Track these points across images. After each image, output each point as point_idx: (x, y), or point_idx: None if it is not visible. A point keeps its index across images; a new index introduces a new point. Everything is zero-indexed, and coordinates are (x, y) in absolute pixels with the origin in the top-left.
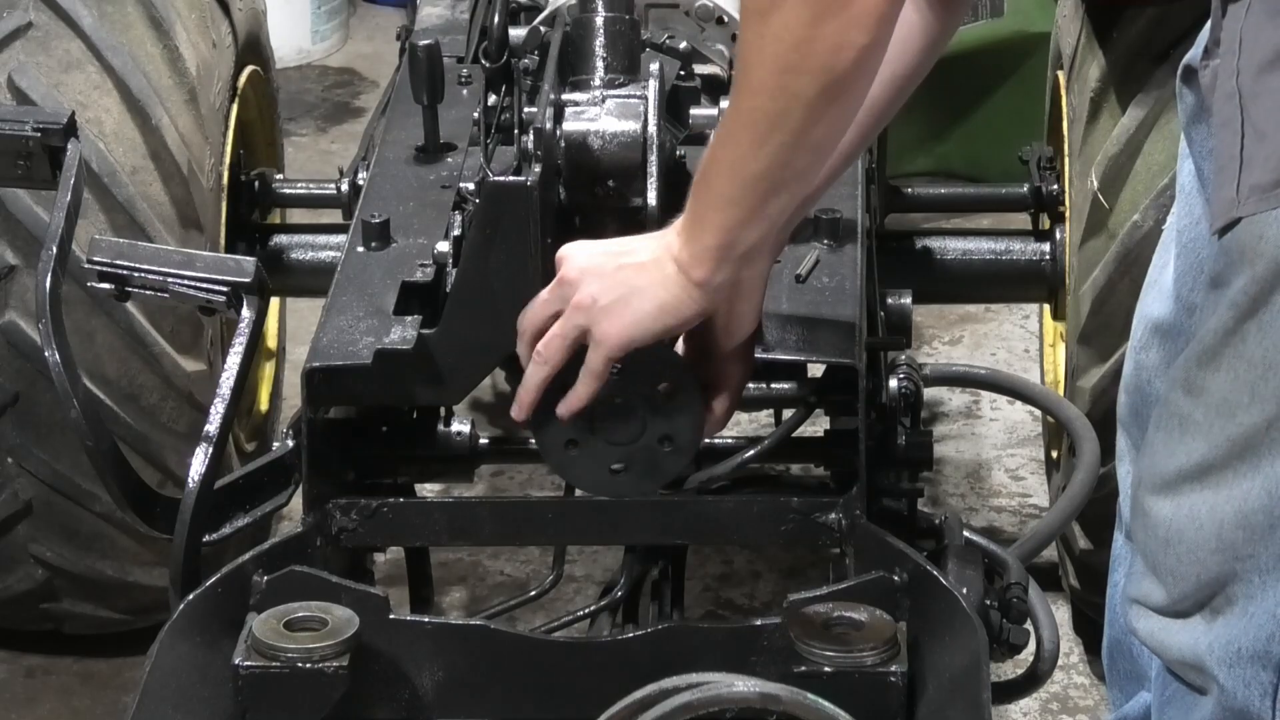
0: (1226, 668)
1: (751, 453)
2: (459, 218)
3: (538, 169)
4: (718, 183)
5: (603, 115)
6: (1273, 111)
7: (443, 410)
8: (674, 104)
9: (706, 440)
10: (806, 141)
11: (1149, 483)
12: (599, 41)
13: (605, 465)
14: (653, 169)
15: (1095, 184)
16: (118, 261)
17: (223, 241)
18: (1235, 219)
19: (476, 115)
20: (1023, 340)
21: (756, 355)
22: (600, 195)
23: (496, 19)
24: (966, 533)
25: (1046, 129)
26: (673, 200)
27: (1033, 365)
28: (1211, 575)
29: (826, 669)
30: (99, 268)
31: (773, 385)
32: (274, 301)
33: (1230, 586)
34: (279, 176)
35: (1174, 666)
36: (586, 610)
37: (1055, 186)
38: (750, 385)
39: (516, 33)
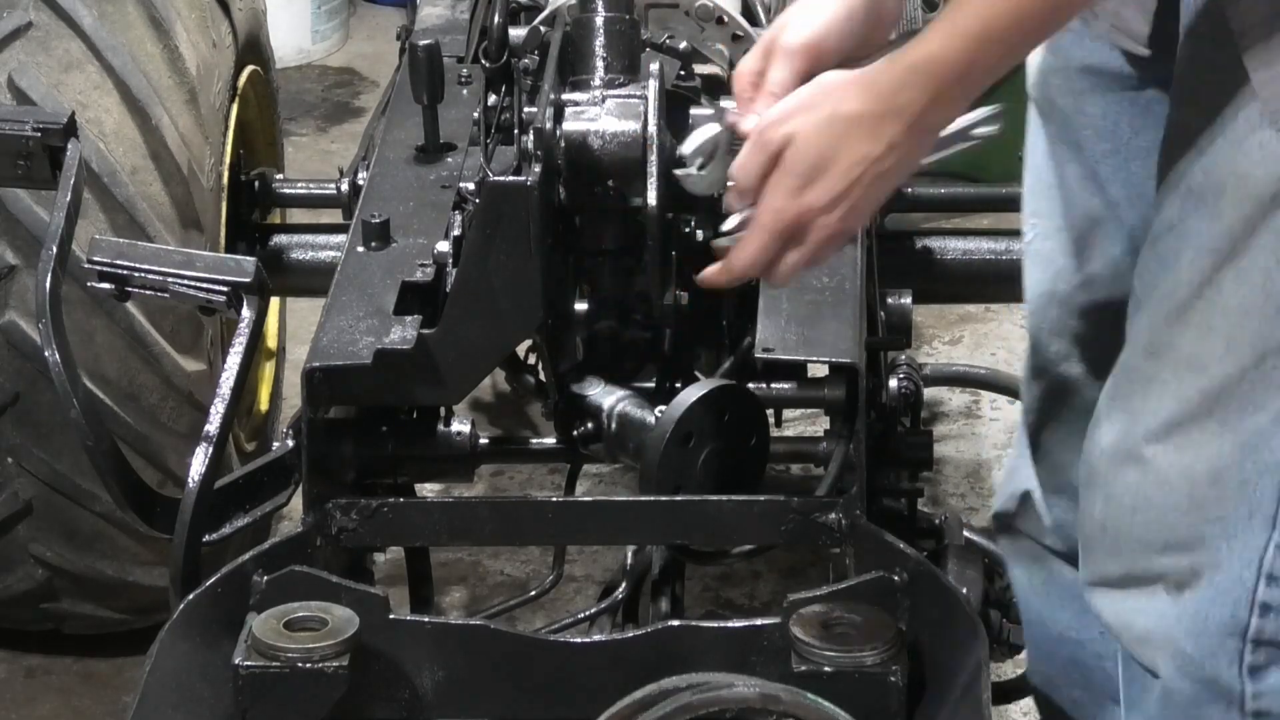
0: (1194, 638)
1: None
2: (459, 218)
3: (538, 169)
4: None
5: (603, 115)
6: None
7: (443, 410)
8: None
9: None
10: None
11: (1112, 453)
12: (599, 41)
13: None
14: (653, 169)
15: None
16: (118, 261)
17: (223, 241)
18: None
19: (476, 115)
20: (1023, 340)
21: (758, 355)
22: (600, 195)
23: (496, 19)
24: (966, 533)
25: None
26: (672, 200)
27: None
28: (1180, 538)
29: (826, 669)
30: (99, 268)
31: (773, 385)
32: (274, 301)
33: (1197, 552)
34: (279, 176)
35: (1135, 646)
36: (588, 612)
37: None
38: (750, 385)
39: (516, 33)
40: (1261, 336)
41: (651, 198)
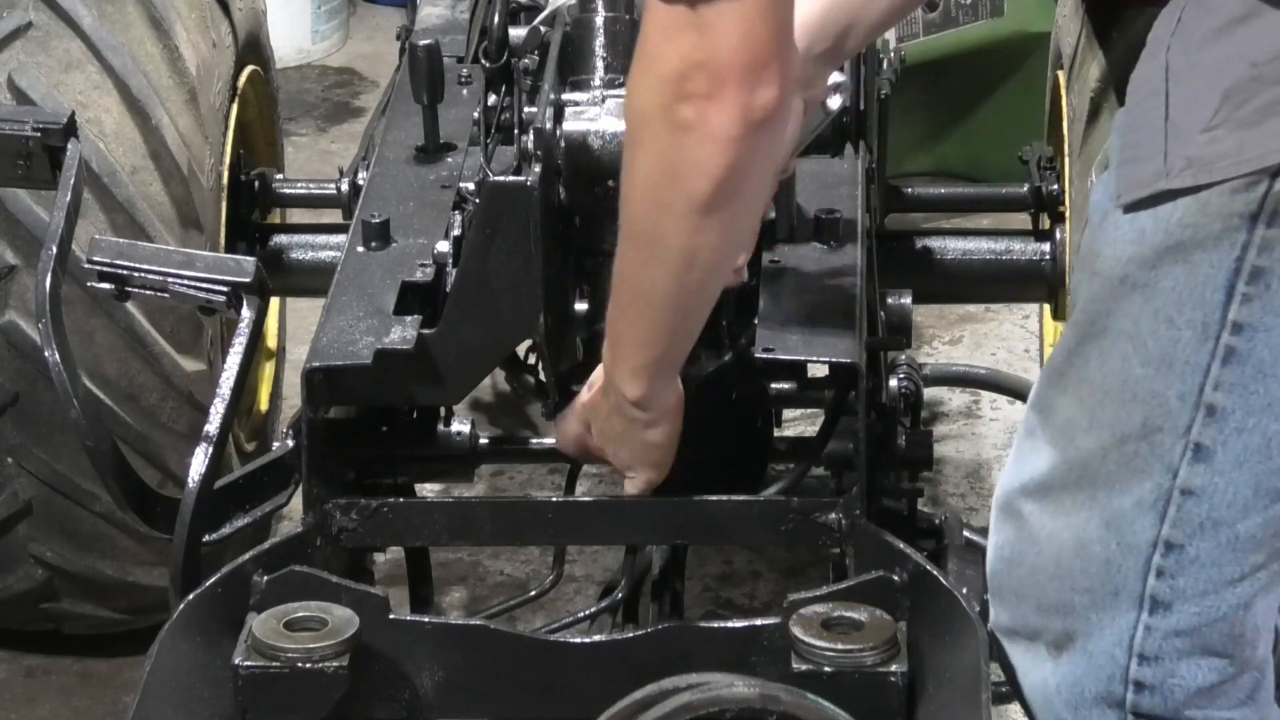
0: (1074, 710)
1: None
2: (459, 218)
3: (538, 169)
4: (623, 302)
5: (603, 115)
6: (1213, 83)
7: (443, 410)
8: None
9: None
10: (691, 261)
11: (999, 498)
12: (599, 41)
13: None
14: None
15: (1095, 184)
16: (118, 261)
17: (223, 241)
18: (1160, 191)
19: (476, 115)
20: (1023, 340)
21: (758, 355)
22: (600, 195)
23: (496, 19)
24: (966, 533)
25: (1046, 129)
26: None
27: (1033, 365)
28: (1051, 602)
29: (826, 669)
30: (99, 268)
31: (773, 385)
32: (274, 301)
33: (1069, 619)
34: (279, 176)
35: (1026, 707)
36: (587, 612)
37: (1055, 186)
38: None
39: (516, 33)
40: (1120, 420)
41: None
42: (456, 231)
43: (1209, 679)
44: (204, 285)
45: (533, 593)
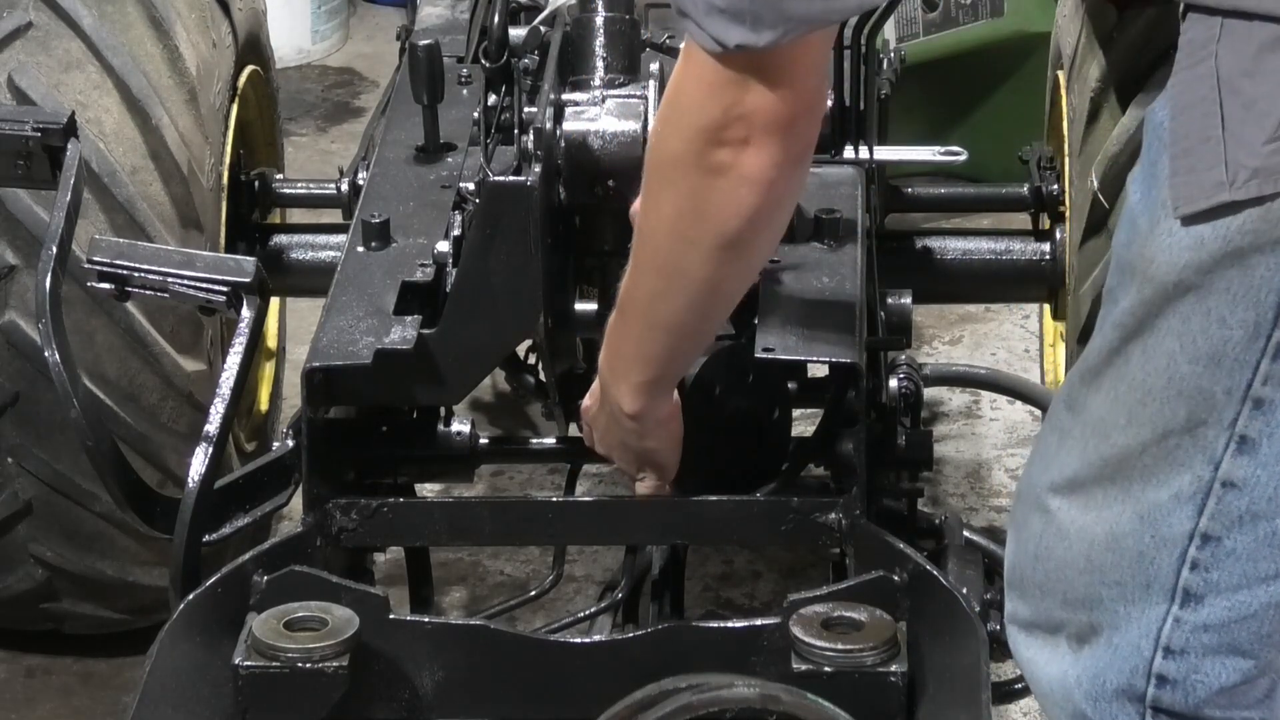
0: (1093, 702)
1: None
2: (459, 218)
3: (538, 169)
4: (631, 324)
5: (603, 115)
6: (1275, 93)
7: (443, 410)
8: None
9: None
10: (713, 291)
11: (1024, 495)
12: (599, 41)
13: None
14: None
15: (1095, 184)
16: (118, 261)
17: (223, 241)
18: (1224, 203)
19: (476, 115)
20: (1023, 340)
21: (759, 355)
22: (600, 195)
23: (496, 19)
24: (966, 533)
25: (1046, 129)
26: None
27: (1033, 365)
28: (1078, 596)
29: (826, 669)
30: (99, 268)
31: None
32: (274, 301)
33: (1096, 612)
34: (279, 176)
35: (1041, 698)
36: (587, 612)
37: (1055, 186)
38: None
39: (516, 33)
40: (1163, 416)
41: None
42: (456, 231)
43: (1232, 679)
44: (204, 285)
45: (533, 593)
